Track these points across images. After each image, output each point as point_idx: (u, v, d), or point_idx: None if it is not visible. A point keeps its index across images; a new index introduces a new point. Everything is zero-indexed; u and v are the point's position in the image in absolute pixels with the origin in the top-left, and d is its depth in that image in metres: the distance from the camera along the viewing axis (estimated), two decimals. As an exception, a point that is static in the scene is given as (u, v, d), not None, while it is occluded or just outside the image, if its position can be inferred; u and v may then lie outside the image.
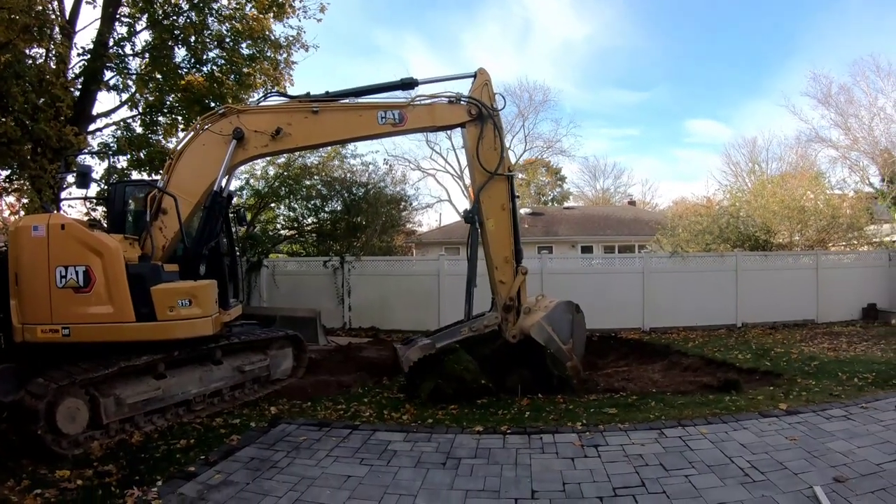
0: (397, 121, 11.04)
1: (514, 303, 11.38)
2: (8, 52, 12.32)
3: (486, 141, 11.30)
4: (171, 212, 9.96)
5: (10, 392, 8.72)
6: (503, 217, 11.46)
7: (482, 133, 11.28)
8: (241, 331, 11.27)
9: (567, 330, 10.87)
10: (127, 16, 18.03)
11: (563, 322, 10.94)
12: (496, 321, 11.38)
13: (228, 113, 10.62)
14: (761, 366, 12.38)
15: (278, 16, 18.83)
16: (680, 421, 8.30)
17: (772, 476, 6.21)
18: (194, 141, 10.48)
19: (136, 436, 8.46)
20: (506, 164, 11.52)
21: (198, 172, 10.31)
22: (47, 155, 13.97)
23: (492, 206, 11.40)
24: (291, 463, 7.30)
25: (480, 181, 11.32)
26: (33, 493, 6.35)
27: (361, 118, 11.09)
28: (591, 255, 31.52)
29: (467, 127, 11.38)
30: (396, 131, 11.45)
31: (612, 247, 38.40)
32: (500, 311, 11.39)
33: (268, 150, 10.92)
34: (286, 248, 27.23)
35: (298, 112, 10.80)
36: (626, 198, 65.01)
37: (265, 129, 10.53)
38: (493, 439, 7.96)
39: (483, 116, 11.25)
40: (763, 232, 21.92)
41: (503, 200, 11.45)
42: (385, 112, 11.03)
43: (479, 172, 11.30)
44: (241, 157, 10.69)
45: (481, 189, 11.33)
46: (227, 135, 10.36)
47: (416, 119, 11.22)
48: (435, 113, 11.31)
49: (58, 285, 8.46)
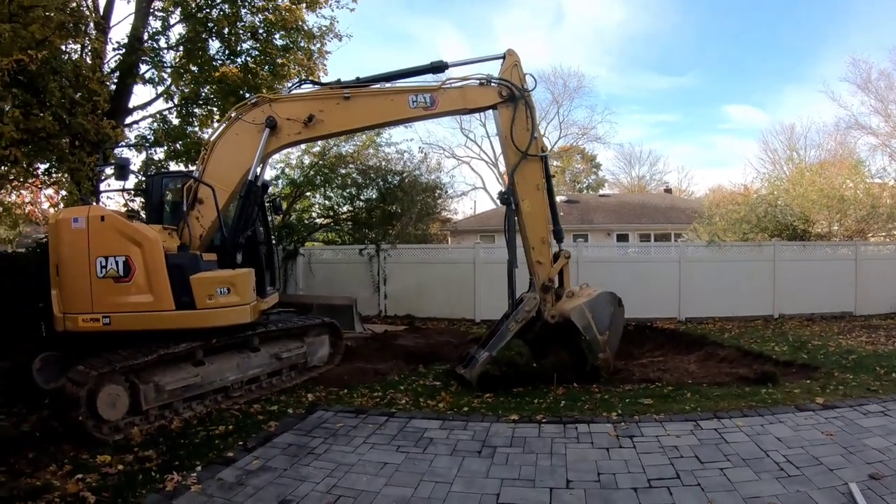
0: (429, 104, 11.12)
1: (552, 284, 11.41)
2: (45, 49, 12.46)
3: (518, 122, 11.26)
4: (208, 201, 10.13)
5: (51, 379, 8.96)
6: (538, 197, 11.46)
7: (514, 114, 11.24)
8: (278, 318, 11.42)
9: (606, 321, 10.80)
10: (160, 10, 18.20)
11: (603, 312, 10.86)
12: (536, 303, 11.34)
13: (261, 102, 10.74)
14: (798, 358, 12.25)
15: (311, 6, 18.81)
16: (716, 413, 8.27)
17: (807, 471, 6.16)
18: (228, 131, 10.61)
19: (175, 422, 8.61)
20: (538, 144, 11.53)
21: (232, 162, 10.45)
22: (85, 148, 14.13)
23: (526, 187, 11.39)
24: (328, 449, 7.39)
25: (514, 161, 11.31)
26: (75, 477, 6.47)
27: (393, 103, 11.17)
28: (626, 244, 31.31)
29: (499, 109, 11.35)
30: (428, 114, 11.48)
31: (647, 235, 38.11)
32: (538, 291, 11.38)
33: (301, 137, 11.02)
34: (322, 236, 27.38)
35: (330, 99, 10.88)
36: (662, 185, 64.55)
37: (298, 117, 10.64)
38: (528, 428, 7.99)
39: (515, 97, 11.22)
40: (801, 221, 21.61)
41: (538, 181, 11.43)
42: (416, 96, 11.10)
43: (513, 153, 11.28)
44: (274, 145, 10.81)
45: (515, 170, 11.32)
46: (259, 124, 10.49)
47: (448, 102, 11.29)
48: (466, 95, 11.37)
49: (98, 275, 8.64)
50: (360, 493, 6.03)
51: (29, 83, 12.86)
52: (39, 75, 12.73)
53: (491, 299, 18.29)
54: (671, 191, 58.28)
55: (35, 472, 6.71)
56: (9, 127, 11.98)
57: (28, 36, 12.08)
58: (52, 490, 6.14)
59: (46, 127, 13.02)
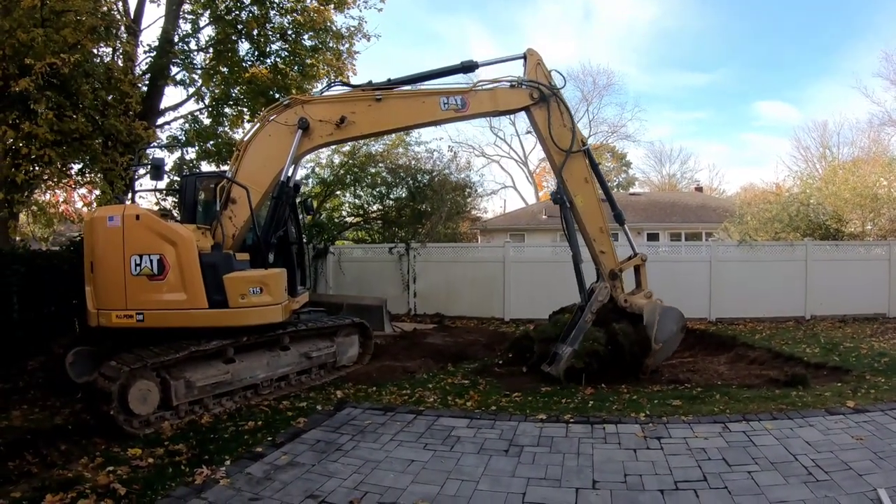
0: (460, 106, 11.15)
1: (620, 271, 11.56)
2: (77, 53, 12.69)
3: (555, 120, 11.32)
4: (240, 201, 10.26)
5: (83, 373, 9.21)
6: (588, 190, 11.53)
7: (549, 114, 11.30)
8: (308, 318, 11.51)
9: (666, 333, 10.93)
10: (190, 12, 18.42)
11: (669, 324, 11.00)
12: (608, 292, 11.41)
13: (293, 104, 10.82)
14: (829, 361, 12.08)
15: (339, 7, 18.89)
16: (745, 415, 8.20)
17: (836, 476, 6.09)
18: (260, 132, 10.71)
19: (205, 417, 8.75)
20: (578, 138, 11.48)
21: (265, 162, 10.55)
22: (118, 148, 14.34)
23: (576, 183, 11.45)
24: (356, 446, 7.44)
25: (559, 161, 11.32)
26: (106, 469, 6.58)
27: (424, 105, 11.22)
28: (657, 243, 31.11)
29: (533, 111, 11.38)
30: (459, 116, 11.48)
31: (678, 234, 37.74)
32: (607, 280, 11.46)
33: (332, 138, 11.09)
34: (352, 234, 27.52)
35: (362, 101, 10.95)
36: (693, 183, 63.82)
37: (329, 119, 10.71)
38: (555, 428, 7.99)
39: (545, 97, 11.27)
40: (834, 220, 21.36)
41: (584, 174, 11.49)
42: (447, 98, 11.15)
43: (556, 153, 11.32)
44: (306, 147, 10.89)
45: (562, 168, 11.33)
46: (292, 125, 10.58)
47: (479, 104, 11.30)
48: (497, 98, 11.35)
49: (132, 273, 8.82)
50: (386, 490, 6.07)
51: (62, 86, 13.10)
52: (72, 78, 12.97)
53: (520, 298, 18.29)
54: (702, 189, 57.75)
55: (67, 464, 6.88)
56: (43, 129, 12.26)
57: (60, 40, 12.34)
58: (84, 482, 6.25)
59: (79, 128, 13.28)
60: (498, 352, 13.21)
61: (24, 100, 12.64)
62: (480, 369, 11.71)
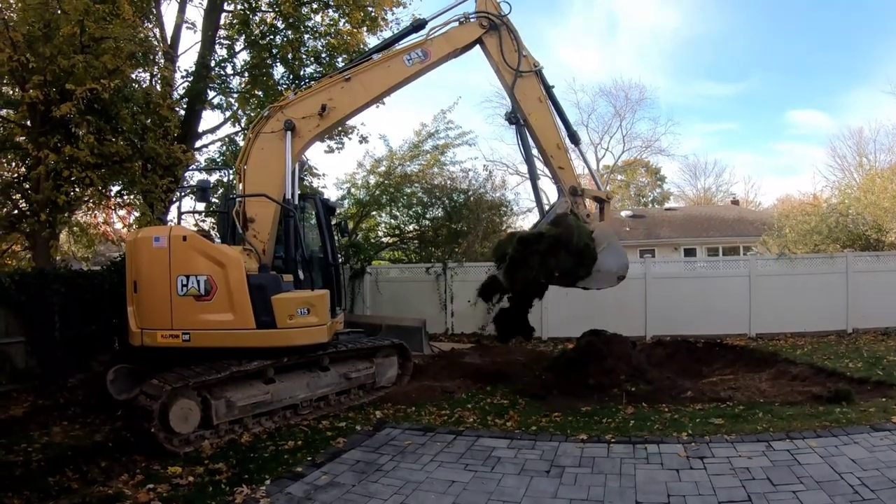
0: (423, 57, 11.93)
1: (582, 190, 12.25)
2: (116, 78, 12.98)
3: (505, 45, 12.31)
4: (258, 218, 10.49)
5: (123, 390, 9.33)
6: (542, 108, 12.50)
7: (500, 40, 12.29)
8: (347, 339, 11.56)
9: (607, 264, 11.54)
10: (226, 38, 18.82)
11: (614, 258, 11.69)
12: (567, 205, 12.01)
13: (272, 112, 11.04)
14: (873, 375, 11.80)
15: (371, 29, 19.10)
16: (788, 433, 8.05)
17: (882, 494, 5.95)
18: (253, 149, 10.89)
19: (245, 436, 8.81)
20: (529, 60, 12.49)
21: (268, 174, 10.72)
22: (157, 171, 14.66)
23: (528, 102, 12.43)
24: (396, 467, 7.44)
25: (509, 81, 12.36)
26: (146, 487, 6.67)
27: (390, 68, 11.86)
28: (694, 259, 30.85)
29: (485, 40, 12.37)
30: (426, 67, 12.06)
31: (715, 249, 37.41)
32: (567, 195, 12.14)
33: (320, 129, 11.42)
34: (388, 254, 27.56)
35: (334, 85, 11.42)
36: (729, 197, 63.24)
37: (310, 113, 11.05)
38: (597, 448, 7.92)
39: (496, 25, 12.30)
40: (874, 230, 20.96)
41: (538, 94, 12.49)
42: (409, 54, 11.91)
43: (507, 73, 12.35)
44: (300, 144, 11.14)
45: (513, 88, 12.34)
46: (278, 131, 10.81)
47: (439, 49, 12.10)
48: (451, 37, 12.24)
49: (179, 293, 8.93)
50: (427, 511, 6.05)
51: (102, 110, 13.41)
52: (112, 103, 13.27)
53: (558, 316, 18.18)
54: (738, 202, 57.13)
55: (107, 481, 6.97)
56: (84, 152, 12.55)
57: (100, 66, 12.64)
58: (124, 499, 6.35)
59: (119, 151, 13.63)
60: (536, 371, 13.11)
61: (65, 124, 12.99)
62: (520, 389, 11.62)
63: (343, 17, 18.77)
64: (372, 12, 18.72)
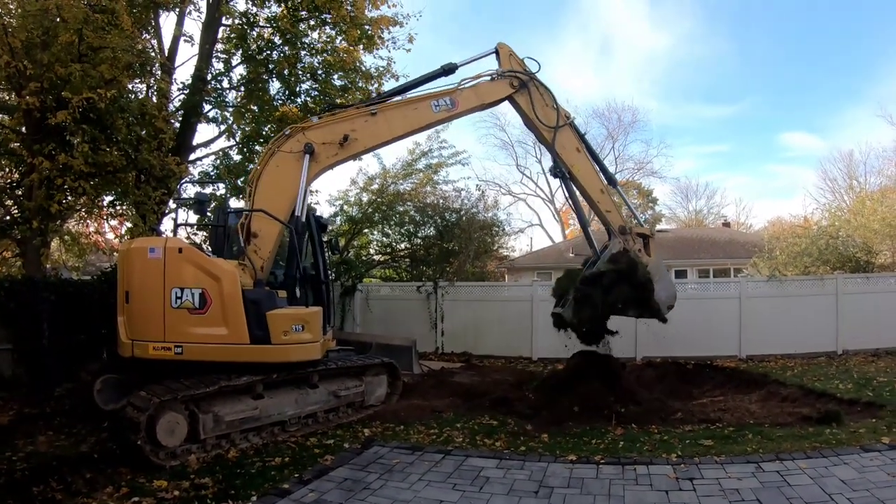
0: (450, 106, 12.02)
1: (630, 229, 12.54)
2: (113, 88, 12.98)
3: (537, 101, 12.46)
4: (262, 234, 10.37)
5: (110, 401, 9.25)
6: (582, 158, 12.80)
7: (531, 97, 12.42)
8: (337, 357, 11.53)
9: (664, 292, 12.26)
10: (223, 52, 18.79)
11: (667, 287, 12.50)
12: (621, 244, 12.33)
13: (294, 132, 10.99)
14: (863, 396, 11.86)
15: (368, 48, 19.18)
16: (778, 454, 8.06)
17: (872, 516, 5.96)
18: (269, 164, 10.81)
19: (231, 451, 8.78)
20: (562, 113, 12.67)
21: (278, 192, 10.64)
22: (151, 182, 14.66)
23: (569, 153, 12.67)
24: (384, 485, 7.41)
25: (549, 137, 12.53)
26: (131, 500, 6.66)
27: (417, 111, 11.91)
28: (685, 280, 30.77)
29: (516, 98, 12.48)
30: (451, 115, 12.25)
31: (706, 271, 37.42)
32: (617, 235, 12.45)
33: (338, 158, 11.32)
34: (380, 272, 27.60)
35: (359, 117, 11.40)
36: (720, 219, 63.38)
37: (332, 140, 11.02)
38: (586, 469, 7.90)
39: (524, 83, 12.43)
40: (864, 252, 21.05)
41: (575, 144, 12.81)
42: (438, 100, 11.96)
43: (545, 130, 12.54)
44: (315, 170, 11.07)
45: (554, 143, 12.47)
46: (297, 152, 10.76)
47: (466, 101, 12.20)
48: (481, 92, 12.34)
49: (172, 305, 8.88)
50: (415, 531, 6.03)
51: (98, 120, 13.39)
52: (108, 113, 13.26)
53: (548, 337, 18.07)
54: (730, 224, 57.19)
55: (92, 493, 6.93)
56: (78, 161, 12.54)
57: (97, 75, 12.64)
58: (108, 511, 6.25)
59: (114, 161, 13.60)
60: (526, 391, 13.10)
61: (60, 132, 12.94)
62: (509, 409, 11.59)
63: (340, 34, 18.80)
64: (369, 31, 18.75)
